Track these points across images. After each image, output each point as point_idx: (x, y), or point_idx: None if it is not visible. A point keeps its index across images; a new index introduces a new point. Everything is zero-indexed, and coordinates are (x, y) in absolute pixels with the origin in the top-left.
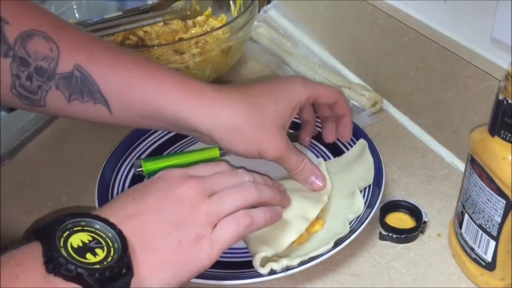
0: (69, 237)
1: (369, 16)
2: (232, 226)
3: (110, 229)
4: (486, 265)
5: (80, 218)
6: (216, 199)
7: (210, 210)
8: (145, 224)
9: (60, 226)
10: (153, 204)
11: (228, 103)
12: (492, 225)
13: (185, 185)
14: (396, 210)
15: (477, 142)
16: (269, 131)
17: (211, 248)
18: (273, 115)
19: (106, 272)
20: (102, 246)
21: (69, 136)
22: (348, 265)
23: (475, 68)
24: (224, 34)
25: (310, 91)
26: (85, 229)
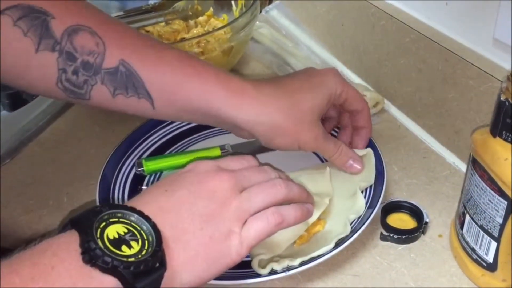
0: (105, 228)
1: (371, 16)
2: (261, 223)
3: (145, 222)
4: (488, 266)
5: (116, 209)
6: (247, 195)
7: (240, 206)
8: (177, 218)
9: (97, 217)
10: (185, 198)
11: (269, 100)
12: (493, 226)
13: (217, 179)
14: (397, 211)
15: (479, 143)
16: (308, 125)
17: (240, 245)
18: (311, 109)
19: (141, 265)
20: (137, 239)
21: (70, 136)
22: (350, 265)
23: (477, 69)
24: (225, 34)
25: (344, 86)
26: (121, 220)
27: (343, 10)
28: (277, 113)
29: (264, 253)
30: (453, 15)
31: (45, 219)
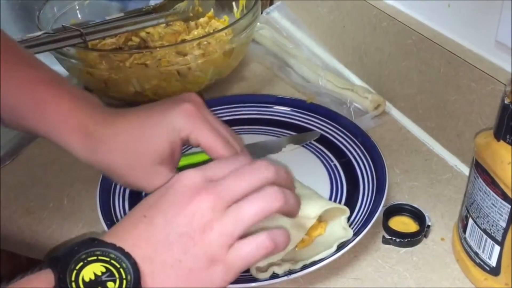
0: (82, 269)
1: (372, 18)
2: (250, 249)
3: (124, 260)
4: (491, 270)
5: (96, 248)
6: (231, 217)
7: (224, 231)
8: (155, 250)
9: (74, 258)
10: (162, 226)
11: (106, 140)
12: (496, 230)
13: (197, 199)
14: (399, 214)
15: (482, 147)
16: (144, 172)
17: (225, 273)
18: (145, 154)
19: None
20: (115, 279)
21: None
22: (351, 269)
23: (479, 71)
24: (226, 36)
25: (194, 127)
26: (100, 258)
27: (344, 12)
28: (109, 155)
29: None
30: (456, 17)
31: (45, 221)
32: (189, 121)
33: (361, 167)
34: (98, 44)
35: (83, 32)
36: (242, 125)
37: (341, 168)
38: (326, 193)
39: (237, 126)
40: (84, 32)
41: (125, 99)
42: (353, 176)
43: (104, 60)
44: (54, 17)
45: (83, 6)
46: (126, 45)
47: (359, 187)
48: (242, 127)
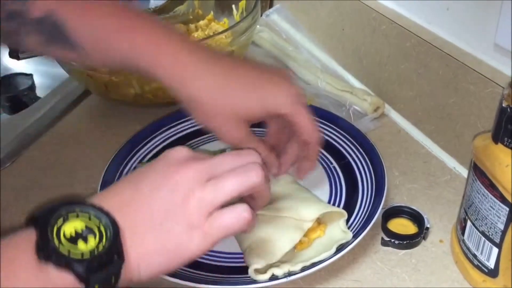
0: (62, 225)
1: (372, 21)
2: (228, 219)
3: (103, 217)
4: (489, 272)
5: (75, 206)
6: (212, 186)
7: (204, 198)
8: (137, 212)
9: (55, 214)
10: (147, 191)
11: (202, 76)
12: (495, 232)
13: (182, 169)
14: (398, 216)
15: (480, 149)
16: (228, 120)
17: (203, 240)
18: (240, 109)
19: (95, 262)
20: (95, 234)
21: (70, 140)
22: (351, 271)
23: (477, 74)
24: (226, 38)
25: (293, 109)
26: (80, 215)
27: (344, 14)
28: (202, 92)
29: (258, 262)
30: (454, 20)
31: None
32: (293, 102)
33: (360, 169)
34: None
35: None
36: None
37: (340, 170)
38: (325, 195)
39: None
40: None
41: (126, 101)
42: (352, 178)
43: None
44: None
45: None
46: None
47: (358, 189)
48: None
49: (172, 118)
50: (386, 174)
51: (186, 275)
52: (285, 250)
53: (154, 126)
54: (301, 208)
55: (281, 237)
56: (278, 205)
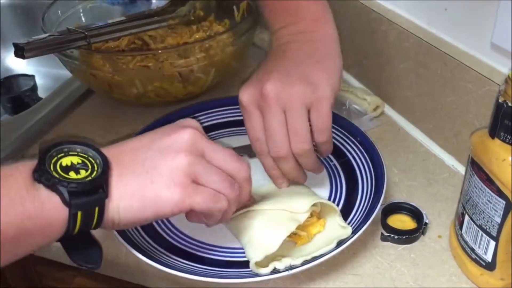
0: (62, 158)
1: (371, 21)
2: (208, 196)
3: (99, 156)
4: (486, 265)
5: (77, 144)
6: (204, 164)
7: (193, 165)
8: (130, 159)
9: (57, 148)
10: (146, 143)
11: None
12: (492, 226)
13: (183, 131)
14: (397, 212)
15: (478, 144)
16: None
17: (181, 200)
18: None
19: (79, 188)
20: (87, 168)
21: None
22: (351, 265)
23: (475, 73)
24: (227, 39)
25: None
26: (79, 153)
27: (343, 15)
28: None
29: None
30: (452, 21)
31: None
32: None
33: (360, 167)
34: (101, 46)
35: (87, 35)
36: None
37: (340, 167)
38: (326, 192)
39: (238, 127)
40: (88, 34)
41: (128, 101)
42: (352, 176)
43: (107, 62)
44: (58, 20)
45: (87, 9)
46: (129, 47)
47: (358, 186)
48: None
49: (174, 117)
50: (386, 172)
51: (188, 269)
52: (281, 239)
53: (156, 125)
54: (294, 201)
55: (275, 228)
56: (272, 200)
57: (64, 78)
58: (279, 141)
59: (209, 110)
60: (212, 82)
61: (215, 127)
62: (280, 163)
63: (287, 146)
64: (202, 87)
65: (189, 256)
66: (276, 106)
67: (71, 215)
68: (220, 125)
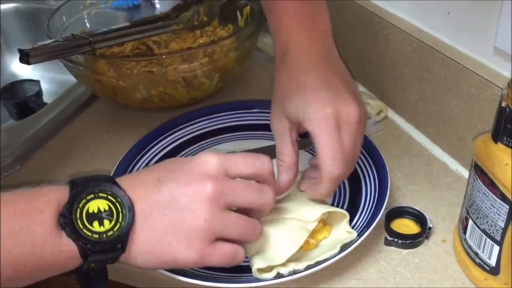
0: (91, 200)
1: (374, 26)
2: (228, 257)
3: (126, 207)
4: (490, 269)
5: (109, 188)
6: (225, 220)
7: (212, 227)
8: (151, 212)
9: (88, 189)
10: (168, 193)
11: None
12: (495, 230)
13: (205, 182)
14: (401, 216)
15: (481, 149)
16: (278, 107)
17: (198, 260)
18: (283, 103)
19: (98, 246)
20: (112, 219)
21: (77, 144)
22: (354, 270)
23: (478, 77)
24: (231, 44)
25: (316, 130)
26: (109, 198)
27: (346, 20)
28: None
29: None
30: (455, 25)
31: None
32: (322, 122)
33: (363, 171)
34: (105, 52)
35: (92, 40)
36: (246, 131)
37: None
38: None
39: (242, 132)
40: (92, 40)
41: (132, 106)
42: (356, 180)
43: (112, 68)
44: (63, 26)
45: (91, 15)
46: (133, 53)
47: (361, 190)
48: (247, 133)
49: (178, 122)
50: (389, 176)
51: (192, 274)
52: (291, 253)
53: (160, 130)
54: (304, 209)
55: (286, 240)
56: (281, 207)
57: (69, 83)
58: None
59: (212, 115)
60: (216, 87)
61: (219, 132)
62: (327, 186)
63: None
64: (205, 92)
65: None
66: None
67: (85, 264)
68: (224, 129)
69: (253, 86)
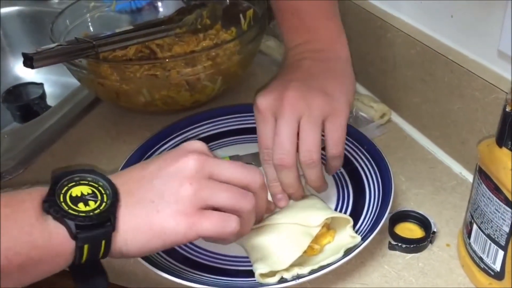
0: (72, 187)
1: (377, 29)
2: (216, 222)
3: (109, 187)
4: (495, 274)
5: (88, 174)
6: (211, 186)
7: (199, 191)
8: (137, 188)
9: (68, 177)
10: (152, 172)
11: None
12: (500, 235)
13: (187, 157)
14: (405, 220)
15: (485, 153)
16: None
17: (188, 229)
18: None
19: (86, 221)
20: (96, 200)
21: (81, 147)
22: (358, 274)
23: (482, 81)
24: (234, 47)
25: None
26: (90, 183)
27: (349, 23)
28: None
29: (262, 268)
30: (458, 28)
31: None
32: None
33: (367, 174)
34: (109, 55)
35: (95, 44)
36: (250, 134)
37: (347, 175)
38: (333, 200)
39: (245, 135)
40: (96, 44)
41: (136, 109)
42: (359, 184)
43: (115, 71)
44: (67, 29)
45: (95, 18)
46: (136, 56)
47: (365, 194)
48: (250, 136)
49: (181, 125)
50: (393, 180)
51: (195, 278)
52: (294, 258)
53: (164, 133)
54: (307, 214)
55: (289, 245)
56: (284, 212)
57: (73, 86)
58: (286, 148)
59: (216, 118)
60: (219, 90)
61: (222, 135)
62: (281, 174)
63: (293, 155)
64: (209, 95)
65: (196, 265)
66: (292, 114)
67: (77, 247)
68: (227, 133)
69: (256, 89)
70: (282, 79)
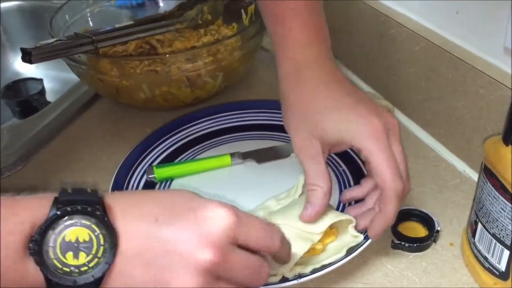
0: (69, 227)
1: (380, 25)
2: None
3: (109, 242)
4: (500, 274)
5: (94, 217)
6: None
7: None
8: (137, 256)
9: (70, 214)
10: (157, 245)
11: (306, 81)
12: (506, 234)
13: (200, 252)
14: (408, 219)
15: (491, 152)
16: (302, 131)
17: None
18: (315, 126)
19: (67, 281)
20: (88, 253)
21: (80, 143)
22: (361, 273)
23: (487, 78)
24: (235, 43)
25: (372, 147)
26: (92, 227)
27: (352, 18)
28: (292, 97)
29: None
30: (464, 24)
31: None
32: (371, 137)
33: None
34: (109, 51)
35: (95, 39)
36: (251, 131)
37: (349, 173)
38: (335, 198)
39: (246, 132)
40: (95, 39)
41: (136, 105)
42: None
43: (115, 67)
44: (66, 24)
45: (94, 13)
46: (137, 52)
47: None
48: (251, 133)
49: (182, 122)
50: None
51: None
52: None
53: (164, 130)
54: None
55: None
56: (285, 213)
57: (73, 81)
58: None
59: (216, 115)
60: (220, 86)
61: (223, 132)
62: (396, 204)
63: None
64: (209, 92)
65: None
66: None
67: None
68: (228, 129)
69: (257, 86)
70: (346, 102)
